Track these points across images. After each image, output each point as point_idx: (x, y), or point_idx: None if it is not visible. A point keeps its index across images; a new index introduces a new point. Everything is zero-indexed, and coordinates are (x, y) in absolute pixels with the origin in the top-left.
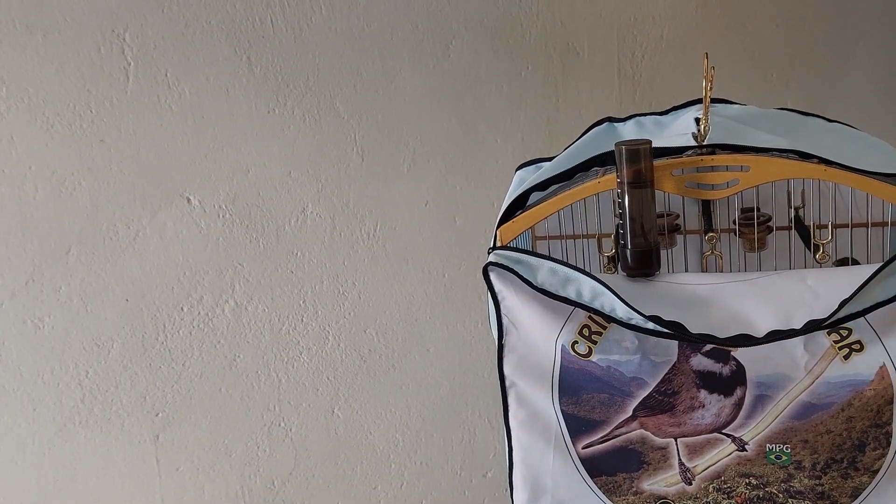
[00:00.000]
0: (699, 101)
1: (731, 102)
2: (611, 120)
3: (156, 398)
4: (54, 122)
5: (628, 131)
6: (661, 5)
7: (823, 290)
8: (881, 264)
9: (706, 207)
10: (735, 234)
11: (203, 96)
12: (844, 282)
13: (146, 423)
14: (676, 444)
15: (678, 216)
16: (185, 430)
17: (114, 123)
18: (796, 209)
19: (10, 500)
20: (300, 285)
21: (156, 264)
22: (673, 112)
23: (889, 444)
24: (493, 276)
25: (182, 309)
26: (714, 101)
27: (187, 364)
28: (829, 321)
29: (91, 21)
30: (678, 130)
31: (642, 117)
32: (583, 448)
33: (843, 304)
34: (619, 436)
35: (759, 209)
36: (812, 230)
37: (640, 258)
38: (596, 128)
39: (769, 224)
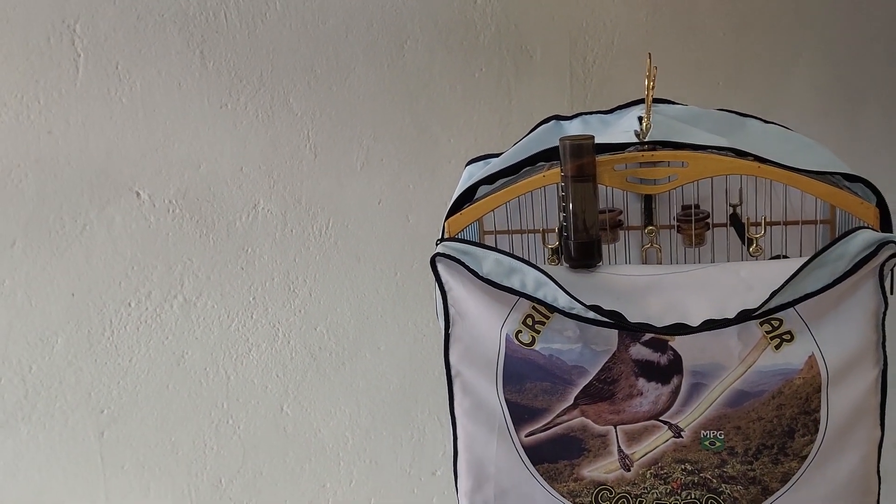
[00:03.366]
0: (643, 100)
1: (674, 103)
2: (558, 118)
3: (101, 394)
4: (1, 112)
5: (574, 128)
6: (613, 12)
7: (756, 281)
8: (809, 257)
9: (647, 203)
10: (675, 230)
11: (155, 90)
12: (776, 274)
13: (91, 420)
14: (616, 432)
15: (621, 212)
16: (131, 428)
17: (62, 115)
18: (734, 206)
19: None
20: (250, 282)
21: (103, 258)
22: (618, 111)
23: (817, 430)
24: (440, 267)
25: (130, 304)
26: (657, 101)
27: (134, 360)
28: (759, 311)
29: (41, 11)
30: (622, 128)
31: (588, 115)
32: (526, 436)
33: (773, 294)
34: (561, 423)
35: (698, 206)
36: (746, 226)
37: (583, 250)
38: (543, 125)
39: (707, 220)
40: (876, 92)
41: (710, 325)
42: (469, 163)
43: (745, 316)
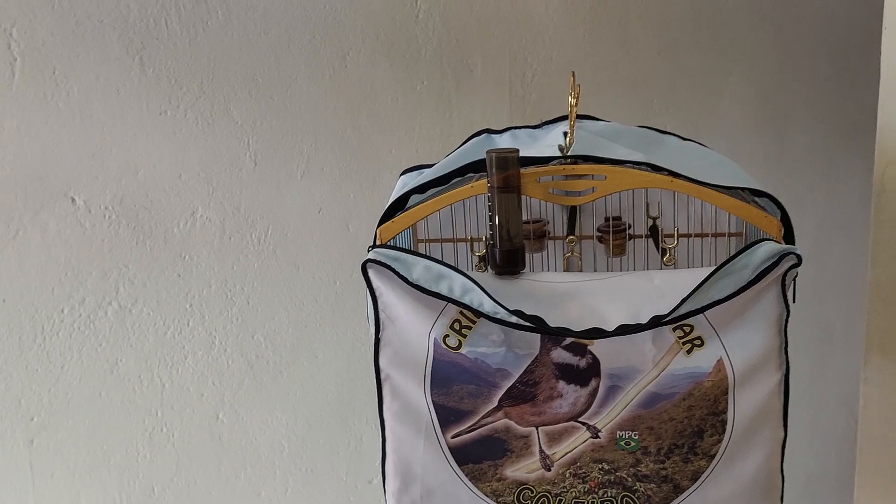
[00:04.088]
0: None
1: (598, 119)
2: (489, 131)
3: (31, 402)
4: None
5: (504, 142)
6: (551, 29)
7: (668, 289)
8: (716, 267)
9: (572, 215)
10: (598, 241)
11: (92, 95)
12: (686, 282)
13: (20, 427)
14: (538, 433)
15: (547, 223)
16: (62, 435)
17: None
18: (653, 219)
19: None
20: (187, 289)
21: (36, 264)
22: (545, 126)
23: (724, 430)
24: (371, 273)
25: (62, 310)
26: (583, 117)
27: (66, 367)
28: (669, 316)
29: None
30: (548, 142)
31: (517, 130)
32: (451, 437)
33: (682, 301)
34: (486, 425)
35: (620, 218)
36: (661, 237)
37: (507, 257)
38: (475, 138)
39: (628, 232)
40: (801, 109)
41: (624, 329)
42: (403, 172)
43: (656, 321)
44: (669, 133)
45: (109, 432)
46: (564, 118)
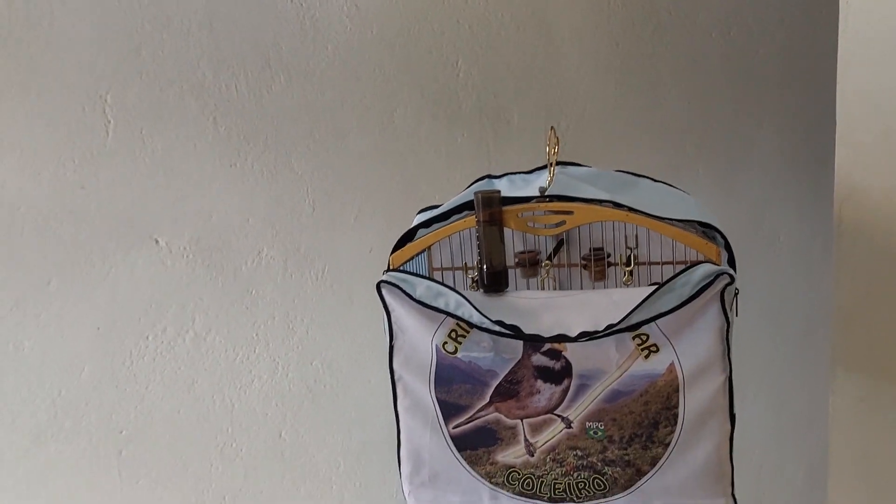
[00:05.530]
0: (560, 163)
1: (581, 165)
2: (490, 176)
3: (121, 417)
4: (42, 171)
5: (502, 185)
6: (583, 85)
7: (624, 303)
8: (660, 284)
9: (558, 246)
10: (583, 268)
11: (173, 151)
12: (639, 297)
13: (111, 439)
14: (522, 424)
15: (539, 253)
16: (146, 447)
17: (94, 172)
18: (630, 249)
19: None
20: (254, 319)
21: (125, 297)
22: (537, 171)
23: (677, 422)
24: (384, 292)
25: (147, 338)
26: (567, 163)
27: (150, 387)
28: (619, 325)
29: (78, 83)
30: (537, 185)
31: (514, 175)
32: (452, 428)
33: (631, 312)
34: (480, 418)
35: (601, 249)
36: (624, 261)
37: (492, 278)
38: (478, 181)
39: (608, 260)
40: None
41: (584, 335)
42: (419, 211)
43: (611, 329)
44: (643, 176)
45: (187, 445)
46: (558, 164)
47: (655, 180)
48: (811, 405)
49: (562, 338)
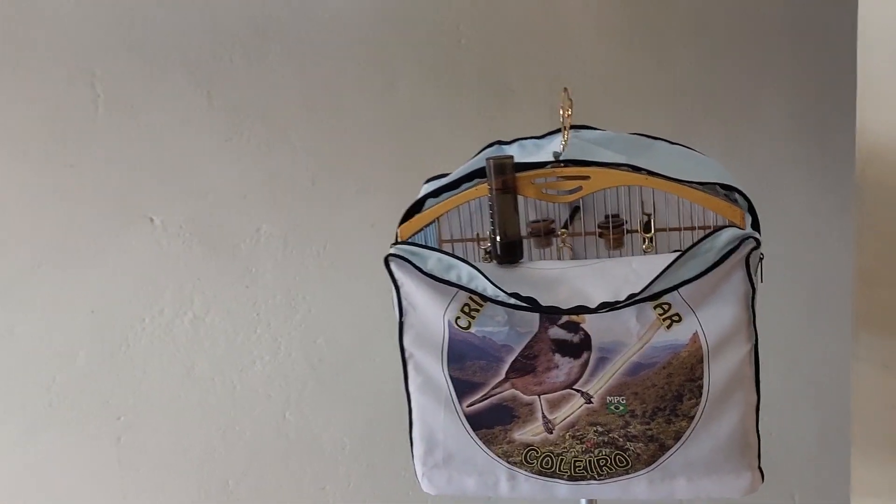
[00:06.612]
0: (573, 126)
1: (594, 128)
2: (500, 142)
3: (118, 403)
4: (29, 148)
5: (513, 151)
6: (588, 49)
7: (644, 271)
8: (683, 250)
9: (573, 214)
10: (598, 236)
11: (165, 126)
12: (660, 266)
13: (108, 427)
14: (540, 400)
15: (553, 221)
16: (146, 433)
17: (83, 150)
18: (647, 216)
19: None
20: (254, 299)
21: (120, 279)
22: (548, 136)
23: (701, 394)
24: (392, 266)
25: (144, 320)
26: (583, 127)
27: (148, 371)
28: (642, 294)
29: (65, 57)
30: (549, 150)
31: (525, 140)
32: (467, 406)
33: (653, 280)
34: (495, 395)
35: (618, 216)
36: (641, 228)
37: (507, 249)
38: (488, 148)
39: (624, 227)
40: (841, 114)
41: (604, 305)
42: (427, 181)
43: (632, 298)
44: (659, 138)
45: (187, 430)
46: (570, 128)
47: (672, 142)
48: (821, 370)
49: (581, 309)
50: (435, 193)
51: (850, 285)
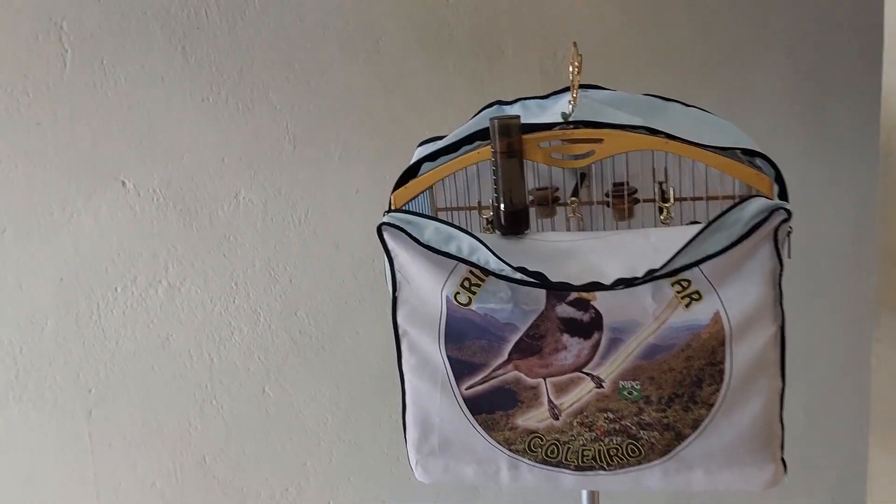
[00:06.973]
0: (581, 85)
1: (605, 88)
2: (500, 102)
3: (89, 375)
4: None
5: (514, 111)
6: (583, 12)
7: (663, 245)
8: (708, 222)
9: (581, 179)
10: (606, 206)
11: (138, 84)
12: (681, 239)
13: (79, 400)
14: (545, 384)
15: (558, 189)
16: (118, 407)
17: (50, 108)
18: (660, 183)
19: None
20: (232, 268)
21: (90, 245)
22: (553, 96)
23: (722, 380)
24: (386, 235)
25: (116, 289)
26: (591, 86)
27: (120, 342)
28: (662, 270)
29: (29, 9)
30: (556, 111)
31: (527, 100)
32: (466, 389)
33: (675, 255)
34: (497, 377)
35: (628, 183)
36: (658, 197)
37: (512, 219)
38: (487, 109)
39: (635, 196)
40: (842, 84)
41: (621, 282)
42: (421, 143)
43: (651, 275)
44: (673, 100)
45: (162, 404)
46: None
47: (687, 105)
48: (837, 349)
49: (595, 286)
50: (431, 157)
51: (847, 263)
